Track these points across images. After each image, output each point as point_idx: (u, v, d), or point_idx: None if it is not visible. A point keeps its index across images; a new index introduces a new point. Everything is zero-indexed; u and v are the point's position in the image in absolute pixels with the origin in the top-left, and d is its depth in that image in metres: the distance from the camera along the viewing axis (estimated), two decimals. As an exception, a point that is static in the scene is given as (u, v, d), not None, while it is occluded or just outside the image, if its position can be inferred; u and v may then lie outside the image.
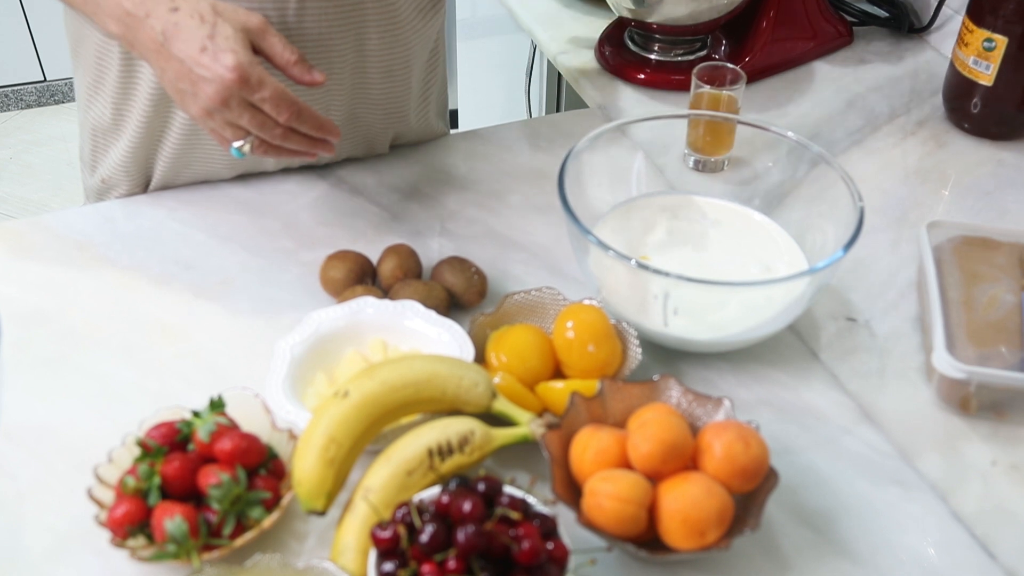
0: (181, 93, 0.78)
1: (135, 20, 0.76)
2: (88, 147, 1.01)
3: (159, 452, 0.66)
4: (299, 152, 0.83)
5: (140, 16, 0.76)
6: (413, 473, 0.64)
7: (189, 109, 0.79)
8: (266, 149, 0.81)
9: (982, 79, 1.04)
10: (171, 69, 0.77)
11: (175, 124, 0.94)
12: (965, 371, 0.74)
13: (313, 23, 0.87)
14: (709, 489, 0.63)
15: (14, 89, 2.86)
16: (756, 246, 0.88)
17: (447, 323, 0.77)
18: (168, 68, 0.77)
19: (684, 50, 1.20)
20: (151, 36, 0.76)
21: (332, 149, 0.84)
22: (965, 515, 0.70)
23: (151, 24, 0.76)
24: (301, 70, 0.80)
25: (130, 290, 0.88)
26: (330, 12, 0.87)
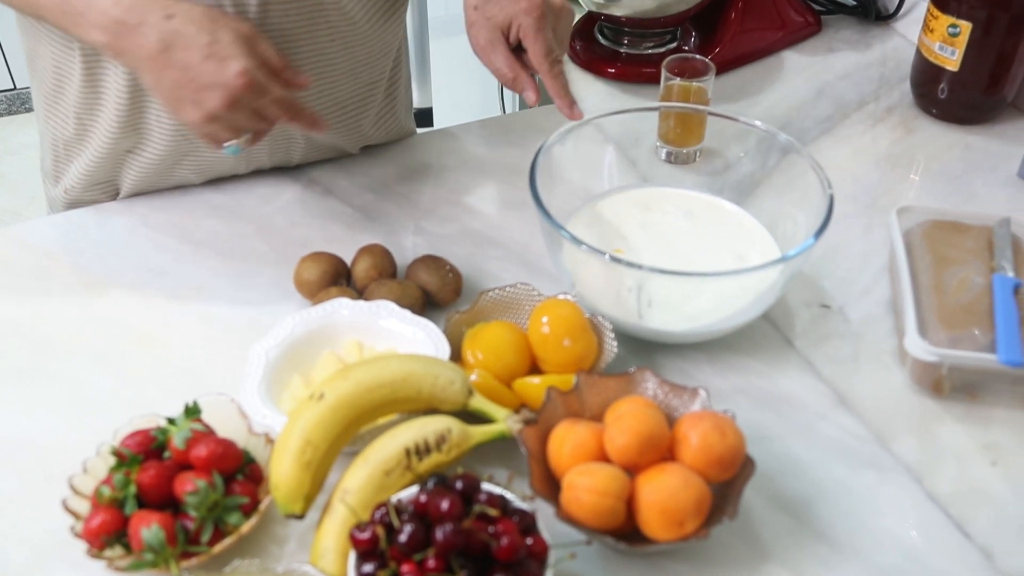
0: (179, 101, 0.76)
1: (125, 28, 0.74)
2: (49, 158, 1.00)
3: (134, 461, 0.66)
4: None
5: (132, 24, 0.74)
6: (391, 473, 0.64)
7: (187, 116, 0.77)
8: (258, 140, 0.82)
9: (948, 65, 1.05)
10: (169, 78, 0.75)
11: (148, 139, 0.93)
12: (937, 354, 0.75)
13: (275, 24, 0.87)
14: (686, 479, 0.63)
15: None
16: (729, 236, 0.88)
17: (422, 322, 0.77)
18: (165, 77, 0.75)
19: (654, 43, 1.20)
20: (144, 44, 0.74)
21: (323, 128, 0.85)
22: (940, 496, 0.71)
23: (144, 32, 0.74)
24: (291, 75, 0.80)
25: (103, 298, 0.87)
26: (291, 14, 0.87)
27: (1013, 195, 1.00)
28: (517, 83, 0.90)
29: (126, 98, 0.89)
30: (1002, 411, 0.77)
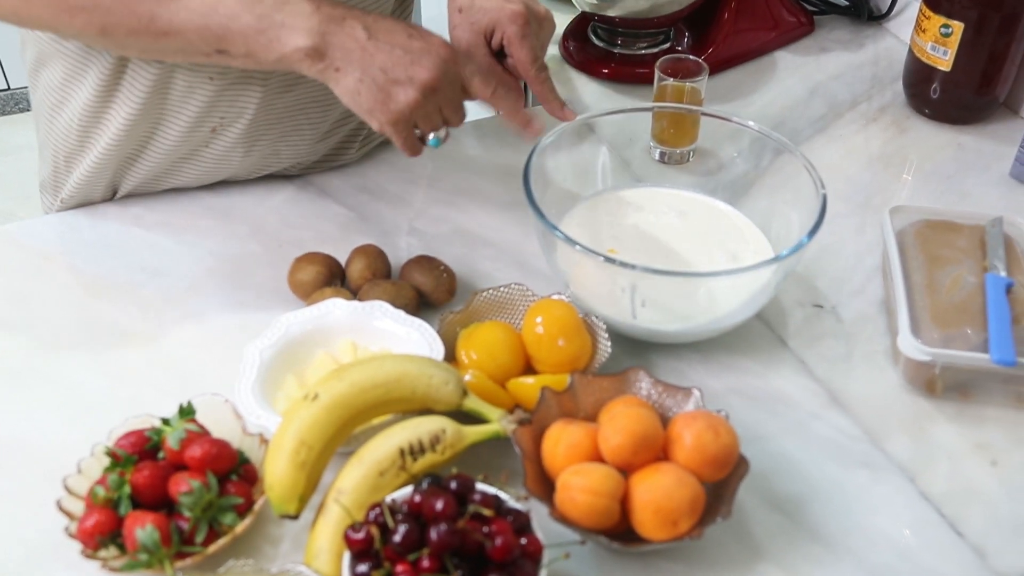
0: (391, 85, 0.76)
1: (334, 23, 0.75)
2: (48, 170, 0.99)
3: (129, 461, 0.66)
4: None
5: (338, 18, 0.76)
6: (385, 473, 0.64)
7: (398, 100, 0.77)
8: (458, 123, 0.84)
9: (940, 65, 1.05)
10: (378, 62, 0.76)
11: (150, 148, 0.93)
12: (930, 353, 0.75)
13: None
14: (680, 479, 0.63)
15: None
16: (722, 236, 0.89)
17: (416, 322, 0.77)
18: (375, 62, 0.76)
19: (647, 43, 1.20)
20: (353, 34, 0.75)
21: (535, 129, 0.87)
22: (933, 495, 0.71)
23: (351, 24, 0.76)
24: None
25: (97, 298, 0.87)
26: None
27: (1005, 194, 1.00)
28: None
29: (133, 108, 0.89)
30: (995, 410, 0.77)
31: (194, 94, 0.88)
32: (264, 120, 0.92)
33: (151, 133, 0.91)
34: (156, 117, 0.90)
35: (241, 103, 0.90)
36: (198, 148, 0.93)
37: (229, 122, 0.91)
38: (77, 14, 0.74)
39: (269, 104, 0.91)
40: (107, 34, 0.76)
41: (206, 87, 0.87)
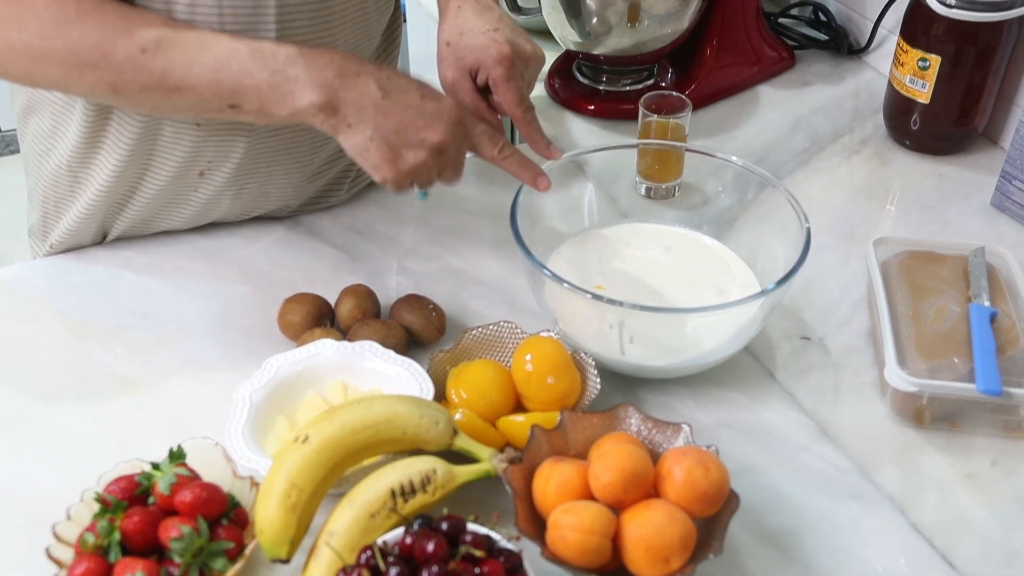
0: (401, 146, 0.77)
1: (348, 79, 0.75)
2: (38, 215, 0.99)
3: (118, 507, 0.66)
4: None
5: (352, 74, 0.75)
6: (376, 515, 0.64)
7: (403, 163, 0.77)
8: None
9: (919, 97, 1.07)
10: (392, 122, 0.76)
11: (140, 192, 0.93)
12: (916, 384, 0.76)
13: None
14: (671, 515, 0.63)
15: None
16: (709, 270, 0.89)
17: (406, 362, 0.77)
18: (388, 121, 0.76)
19: (632, 80, 1.22)
20: (367, 91, 0.75)
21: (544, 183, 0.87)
22: (924, 526, 0.71)
23: (365, 80, 0.76)
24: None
25: (86, 343, 0.87)
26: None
27: (986, 224, 1.01)
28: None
29: (122, 154, 0.89)
30: (983, 439, 0.78)
31: (181, 139, 0.89)
32: (251, 163, 0.93)
33: (140, 179, 0.92)
34: (144, 163, 0.91)
35: (228, 147, 0.90)
36: (186, 192, 0.94)
37: (216, 166, 0.92)
38: (88, 72, 0.73)
39: (256, 148, 0.92)
40: (119, 92, 0.75)
41: (193, 132, 0.88)
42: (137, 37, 0.73)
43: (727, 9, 1.19)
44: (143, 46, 0.73)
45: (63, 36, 0.72)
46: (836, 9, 1.33)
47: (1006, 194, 1.01)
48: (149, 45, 0.73)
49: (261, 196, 0.97)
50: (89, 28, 0.72)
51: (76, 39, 0.72)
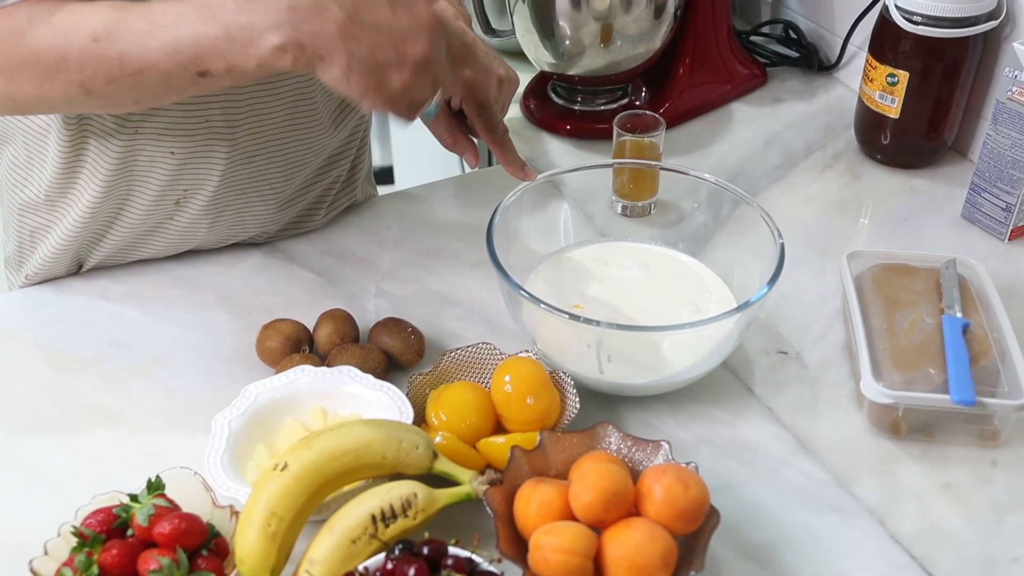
0: (382, 69, 0.70)
1: (306, 13, 0.69)
2: (13, 245, 0.99)
3: (96, 540, 0.65)
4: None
5: (309, 3, 0.69)
6: (357, 541, 0.64)
7: (393, 80, 0.71)
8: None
9: (889, 112, 1.09)
10: (365, 44, 0.69)
11: (117, 222, 0.93)
12: (892, 396, 0.76)
13: (248, 138, 0.91)
14: (652, 534, 0.63)
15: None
16: (685, 288, 0.90)
17: (385, 386, 0.77)
18: (361, 45, 0.69)
19: (606, 99, 1.23)
20: (332, 18, 0.69)
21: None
22: (903, 537, 0.72)
23: (327, 7, 0.69)
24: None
25: (63, 374, 0.87)
26: (266, 125, 0.92)
27: (957, 236, 1.02)
28: (457, 147, 0.96)
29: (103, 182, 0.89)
30: (959, 449, 0.78)
31: (156, 168, 0.89)
32: (227, 190, 0.93)
33: (117, 208, 0.92)
34: (122, 193, 0.90)
35: (203, 174, 0.90)
36: (163, 221, 0.94)
37: (192, 193, 0.92)
38: (54, 78, 0.71)
39: (232, 174, 0.92)
40: (90, 92, 0.72)
41: (168, 160, 0.88)
42: (86, 28, 0.70)
43: (699, 28, 1.21)
44: (94, 35, 0.70)
45: (20, 47, 0.71)
46: (806, 27, 1.35)
47: (976, 206, 1.02)
48: (100, 33, 0.70)
49: (237, 223, 0.97)
50: (42, 32, 0.71)
51: (33, 46, 0.71)
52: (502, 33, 1.26)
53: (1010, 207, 0.99)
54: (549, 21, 1.12)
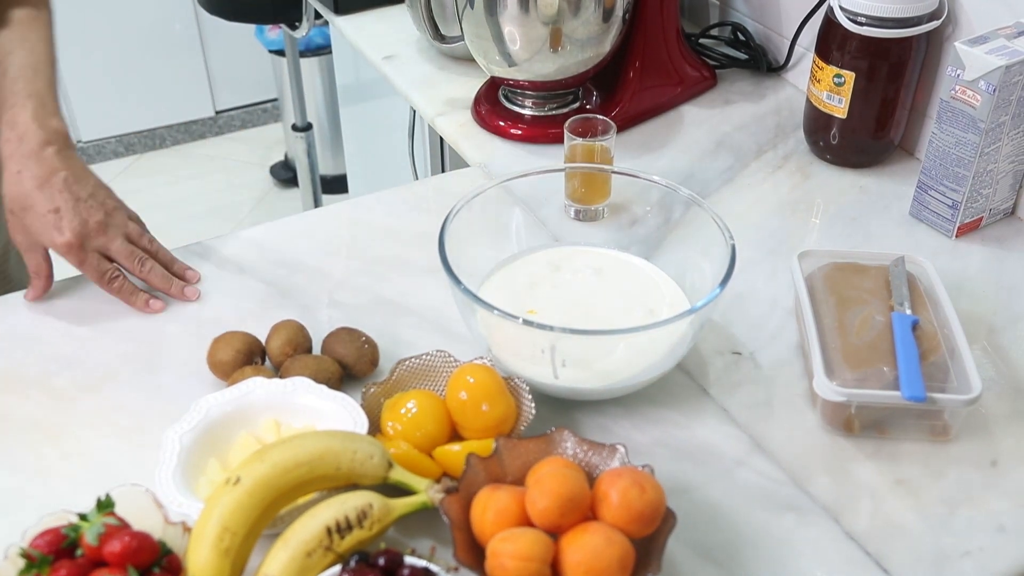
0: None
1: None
2: None
3: (44, 562, 0.64)
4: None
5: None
6: (312, 554, 0.63)
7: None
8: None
9: (836, 112, 1.10)
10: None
11: None
12: (844, 394, 0.77)
13: None
14: (609, 538, 0.63)
15: None
16: (639, 291, 0.90)
17: (339, 396, 0.76)
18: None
19: (557, 104, 1.23)
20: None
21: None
22: (857, 533, 0.73)
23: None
24: None
25: (7, 392, 0.85)
26: None
27: (907, 233, 1.04)
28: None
29: None
30: (911, 445, 0.79)
31: None
32: None
33: None
34: None
35: None
36: None
37: None
38: None
39: None
40: None
41: None
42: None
43: (648, 31, 1.21)
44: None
45: None
46: (754, 28, 1.36)
47: (923, 204, 1.04)
48: None
49: None
50: None
51: None
52: (451, 39, 1.25)
53: (956, 204, 1.00)
54: (497, 26, 1.12)
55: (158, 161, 3.04)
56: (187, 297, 0.94)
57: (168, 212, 2.67)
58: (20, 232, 0.91)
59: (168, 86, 2.99)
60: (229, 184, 2.93)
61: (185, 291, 0.95)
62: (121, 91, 2.93)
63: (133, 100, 2.96)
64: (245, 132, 3.18)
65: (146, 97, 2.98)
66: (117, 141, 3.01)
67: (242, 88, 3.13)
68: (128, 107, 2.97)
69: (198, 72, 3.02)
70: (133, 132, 3.02)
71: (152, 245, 0.96)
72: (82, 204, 0.90)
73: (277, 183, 2.91)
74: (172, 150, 3.09)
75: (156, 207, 2.60)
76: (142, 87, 2.95)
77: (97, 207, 0.91)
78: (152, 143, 3.06)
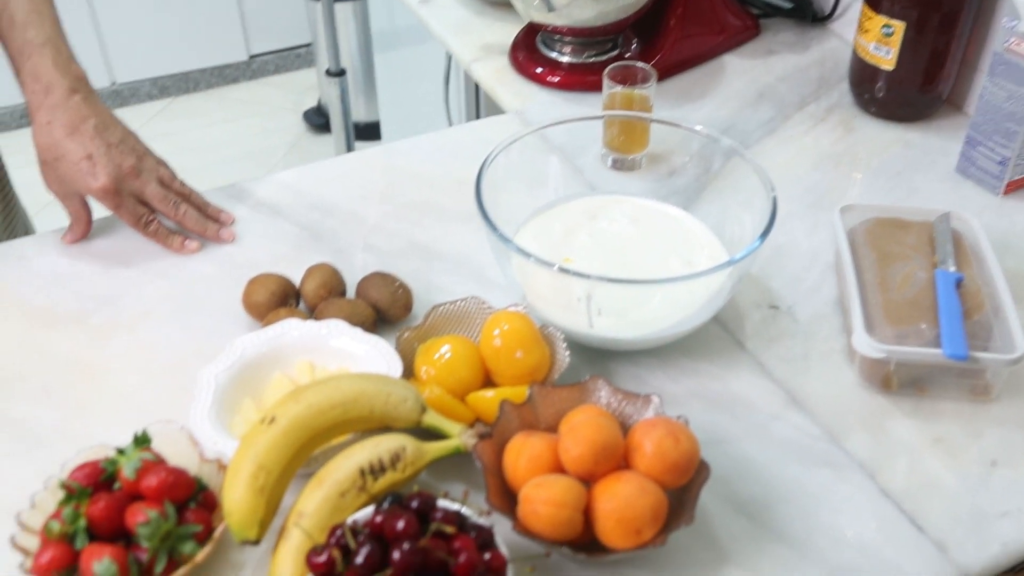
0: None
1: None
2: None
3: (83, 493, 0.65)
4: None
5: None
6: (346, 494, 0.63)
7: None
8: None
9: (884, 64, 1.07)
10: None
11: None
12: (884, 350, 0.76)
13: None
14: (642, 487, 0.63)
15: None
16: (676, 241, 0.89)
17: (374, 339, 0.76)
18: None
19: (595, 51, 1.21)
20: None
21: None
22: (893, 491, 0.72)
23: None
24: None
25: (47, 329, 0.86)
26: None
27: (952, 189, 1.02)
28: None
29: None
30: (950, 404, 0.78)
31: None
32: None
33: None
34: None
35: None
36: None
37: None
38: None
39: None
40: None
41: None
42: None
43: (691, -22, 1.19)
44: None
45: None
46: (800, -23, 1.33)
47: (971, 160, 1.02)
48: None
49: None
50: None
51: None
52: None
53: (1006, 160, 0.98)
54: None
55: (192, 104, 3.03)
56: (222, 239, 0.95)
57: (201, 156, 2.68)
58: (55, 182, 0.91)
59: (202, 29, 2.97)
60: (262, 129, 2.92)
61: (221, 233, 0.95)
62: (156, 34, 2.92)
63: (168, 43, 2.95)
64: (278, 77, 3.16)
65: (181, 40, 2.96)
66: (152, 84, 3.00)
67: (276, 33, 3.10)
68: (163, 50, 2.96)
69: (232, 16, 3.00)
70: (167, 75, 3.01)
71: (184, 188, 0.96)
72: (114, 149, 0.90)
73: (310, 129, 2.90)
74: (205, 93, 3.08)
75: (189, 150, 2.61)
76: (177, 30, 2.94)
77: (128, 152, 0.91)
78: (186, 86, 3.06)
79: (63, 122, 0.89)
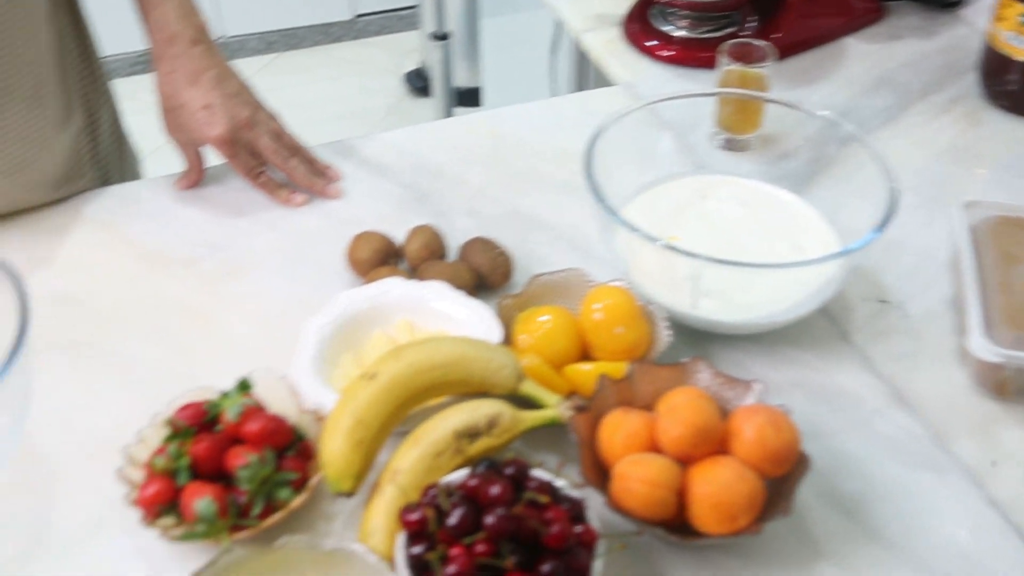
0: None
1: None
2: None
3: (188, 432, 0.66)
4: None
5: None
6: (441, 455, 0.64)
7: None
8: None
9: (1019, 55, 1.02)
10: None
11: None
12: (1002, 355, 0.73)
13: None
14: (740, 473, 0.62)
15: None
16: (787, 226, 0.87)
17: (474, 304, 0.76)
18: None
19: (711, 26, 1.18)
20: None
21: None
22: (1000, 501, 0.69)
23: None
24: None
25: (156, 272, 0.88)
26: None
27: (1085, 192, 0.97)
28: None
29: None
30: (1067, 415, 0.75)
31: None
32: None
33: None
34: None
35: None
36: None
37: None
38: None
39: None
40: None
41: None
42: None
43: (817, -44, 1.15)
44: None
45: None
46: (931, -40, 1.27)
47: (1105, 161, 0.96)
48: None
49: None
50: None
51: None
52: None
53: None
54: (661, -60, 1.08)
55: (296, 61, 3.08)
56: (329, 195, 0.96)
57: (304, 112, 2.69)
58: (176, 129, 0.93)
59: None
60: (363, 89, 2.95)
61: (327, 189, 0.96)
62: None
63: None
64: (382, 38, 3.18)
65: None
66: (258, 39, 3.06)
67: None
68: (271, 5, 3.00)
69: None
70: (274, 30, 3.06)
71: (294, 143, 0.97)
72: (231, 100, 0.92)
73: (410, 91, 2.92)
74: (310, 51, 3.12)
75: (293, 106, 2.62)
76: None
77: (244, 104, 0.93)
78: (291, 42, 3.10)
79: (185, 72, 0.90)
